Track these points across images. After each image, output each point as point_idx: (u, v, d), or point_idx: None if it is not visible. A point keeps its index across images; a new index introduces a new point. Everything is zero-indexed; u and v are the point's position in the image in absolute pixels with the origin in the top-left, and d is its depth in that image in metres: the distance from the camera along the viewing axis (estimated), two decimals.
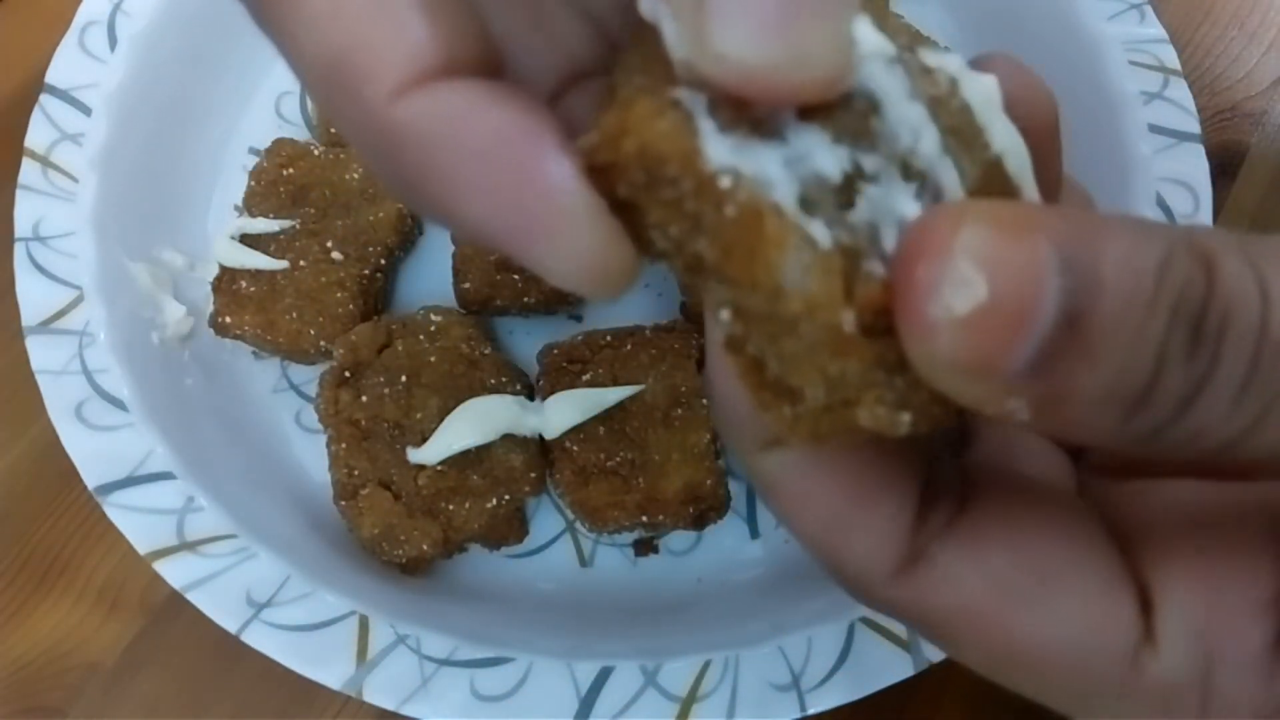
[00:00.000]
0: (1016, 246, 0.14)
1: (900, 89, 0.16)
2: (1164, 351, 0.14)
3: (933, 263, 0.14)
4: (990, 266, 0.13)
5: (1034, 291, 0.13)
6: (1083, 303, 0.14)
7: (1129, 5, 0.50)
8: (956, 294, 0.14)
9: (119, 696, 0.43)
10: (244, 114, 0.54)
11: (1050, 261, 0.14)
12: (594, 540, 0.45)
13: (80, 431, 0.41)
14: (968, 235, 0.14)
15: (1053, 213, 0.14)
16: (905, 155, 0.15)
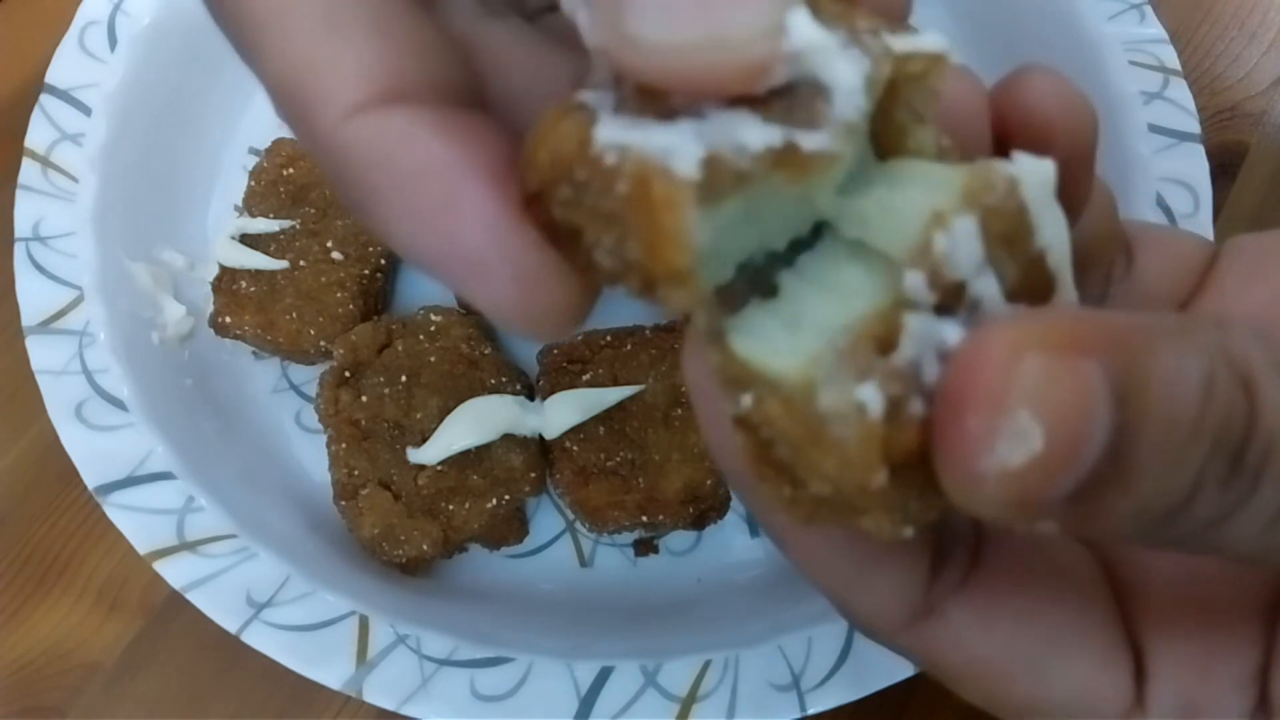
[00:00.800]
0: (1072, 382, 0.13)
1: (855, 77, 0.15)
2: (1201, 479, 0.14)
3: (987, 415, 0.13)
4: (1047, 413, 0.13)
5: (1087, 433, 0.13)
6: (1129, 437, 0.13)
7: (1129, 5, 0.50)
8: (1012, 448, 0.13)
9: (119, 696, 0.43)
10: (244, 114, 0.54)
11: (1102, 396, 0.13)
12: (594, 540, 0.45)
13: (80, 431, 0.41)
14: (1025, 376, 0.13)
15: (1099, 324, 0.14)
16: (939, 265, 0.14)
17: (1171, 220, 0.46)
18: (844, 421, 0.14)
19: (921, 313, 0.14)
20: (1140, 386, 0.13)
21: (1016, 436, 0.13)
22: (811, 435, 0.14)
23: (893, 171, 0.16)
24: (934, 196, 0.15)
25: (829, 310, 0.15)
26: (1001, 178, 0.15)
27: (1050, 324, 0.14)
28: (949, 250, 0.14)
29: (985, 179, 0.15)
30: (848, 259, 0.16)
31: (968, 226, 0.14)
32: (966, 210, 0.14)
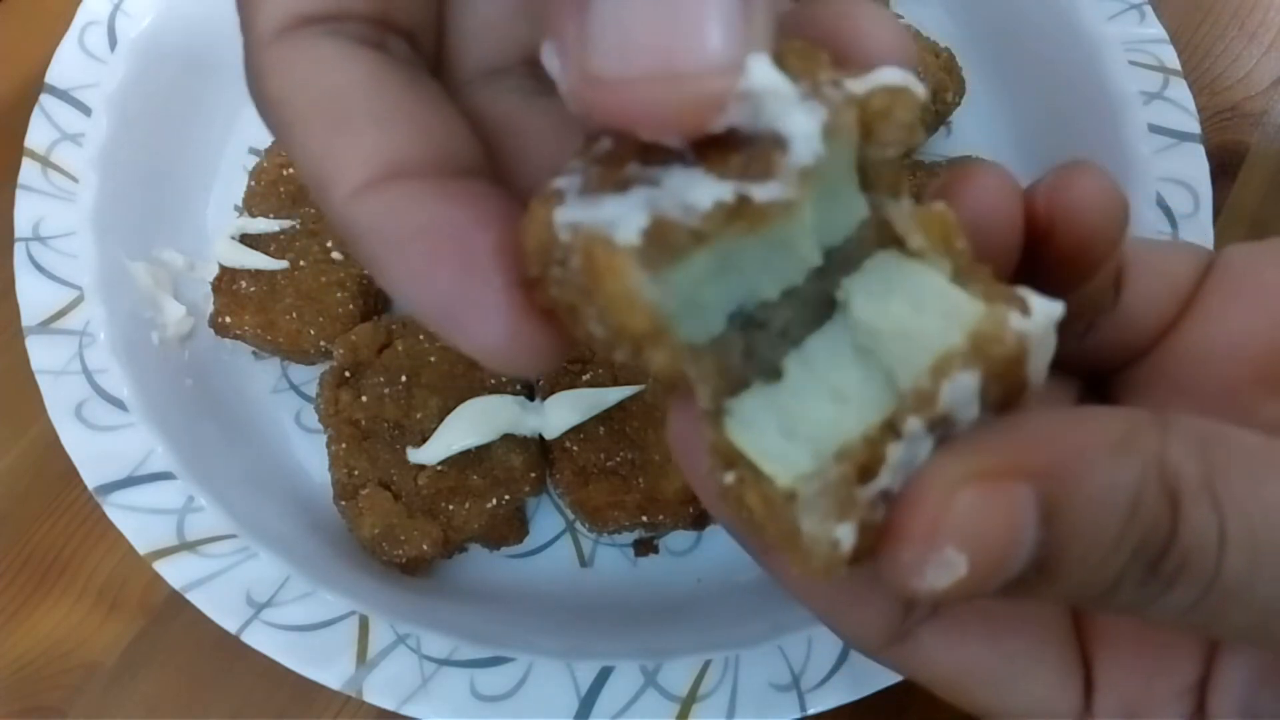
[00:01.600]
0: (1000, 511, 0.15)
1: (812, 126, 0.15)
2: (1121, 578, 0.16)
3: (919, 550, 0.15)
4: (972, 544, 0.15)
5: (1011, 557, 0.15)
6: (1054, 551, 0.15)
7: (1129, 5, 0.50)
8: (939, 575, 0.15)
9: (119, 696, 0.43)
10: (244, 114, 0.54)
11: (1029, 520, 0.15)
12: (594, 540, 0.45)
13: (80, 431, 0.41)
14: (956, 512, 0.15)
15: (1036, 448, 0.15)
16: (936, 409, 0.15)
17: (1171, 220, 0.46)
18: (816, 543, 0.15)
19: (905, 442, 0.15)
20: (1067, 506, 0.15)
21: (944, 566, 0.15)
22: (783, 534, 0.16)
23: (914, 283, 0.16)
24: (948, 333, 0.15)
25: (823, 422, 0.16)
26: (1013, 333, 0.15)
27: (988, 455, 0.15)
28: (949, 398, 0.15)
29: (998, 328, 0.15)
30: (853, 356, 0.16)
31: (970, 380, 0.15)
32: (973, 363, 0.15)
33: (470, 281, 0.16)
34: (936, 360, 0.15)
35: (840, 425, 0.16)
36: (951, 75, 0.51)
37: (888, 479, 0.15)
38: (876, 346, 0.16)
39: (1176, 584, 0.15)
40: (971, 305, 0.16)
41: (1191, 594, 0.16)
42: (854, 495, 0.15)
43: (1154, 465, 0.15)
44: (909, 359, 0.16)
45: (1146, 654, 0.20)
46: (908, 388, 0.16)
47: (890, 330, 0.16)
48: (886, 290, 0.16)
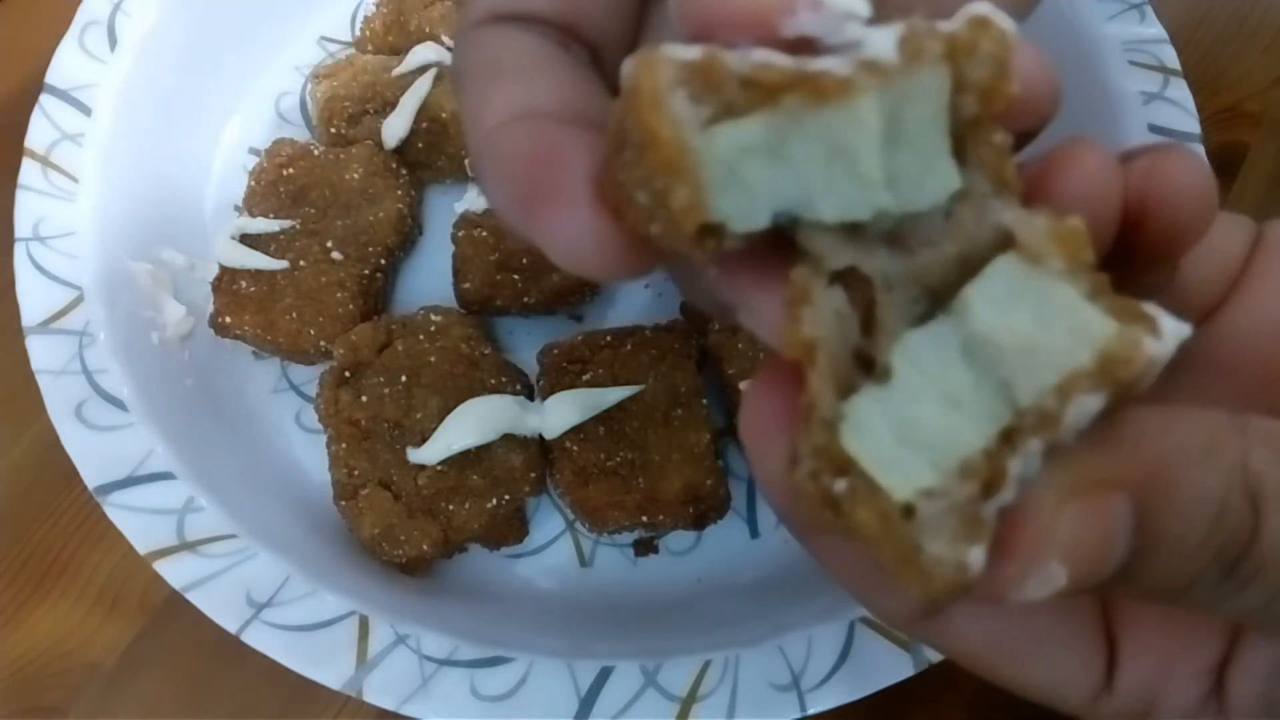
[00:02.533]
0: (1099, 523, 0.15)
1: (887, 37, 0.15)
2: (1198, 579, 0.16)
3: (1024, 564, 0.15)
4: (1074, 557, 0.15)
5: (1106, 565, 0.15)
6: (1140, 556, 0.16)
7: (1129, 5, 0.50)
8: (1039, 586, 0.15)
9: (119, 696, 0.43)
10: (244, 114, 0.54)
11: (1124, 530, 0.15)
12: (594, 540, 0.45)
13: (80, 431, 0.41)
14: (1059, 531, 0.15)
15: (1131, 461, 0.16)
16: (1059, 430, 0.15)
17: None
18: (940, 565, 0.15)
19: (1022, 457, 0.15)
20: (1160, 512, 0.15)
21: (1044, 578, 0.15)
22: (900, 553, 0.15)
23: (1043, 297, 0.15)
24: (1076, 352, 0.15)
25: (940, 428, 0.15)
26: (1145, 356, 0.15)
27: (1090, 469, 0.16)
28: (1071, 418, 0.15)
29: (1131, 351, 0.15)
30: (962, 359, 0.16)
31: (1095, 402, 0.15)
32: (1100, 385, 0.15)
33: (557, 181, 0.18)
34: (1063, 380, 0.15)
35: (959, 435, 0.15)
36: None
37: (1009, 495, 0.15)
38: (994, 356, 0.15)
39: (1251, 585, 0.16)
40: (1103, 324, 0.15)
41: (1263, 596, 0.16)
42: (981, 515, 0.15)
43: (1239, 471, 0.16)
44: (1032, 375, 0.15)
45: (1169, 634, 0.20)
46: (1029, 404, 0.15)
47: (1015, 345, 0.15)
48: (1012, 301, 0.15)
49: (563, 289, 0.47)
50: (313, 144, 0.50)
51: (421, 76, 0.51)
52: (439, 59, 0.52)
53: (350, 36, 0.57)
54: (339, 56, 0.55)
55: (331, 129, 0.51)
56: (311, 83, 0.53)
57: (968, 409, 0.15)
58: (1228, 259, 0.20)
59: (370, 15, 0.55)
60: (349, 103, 0.51)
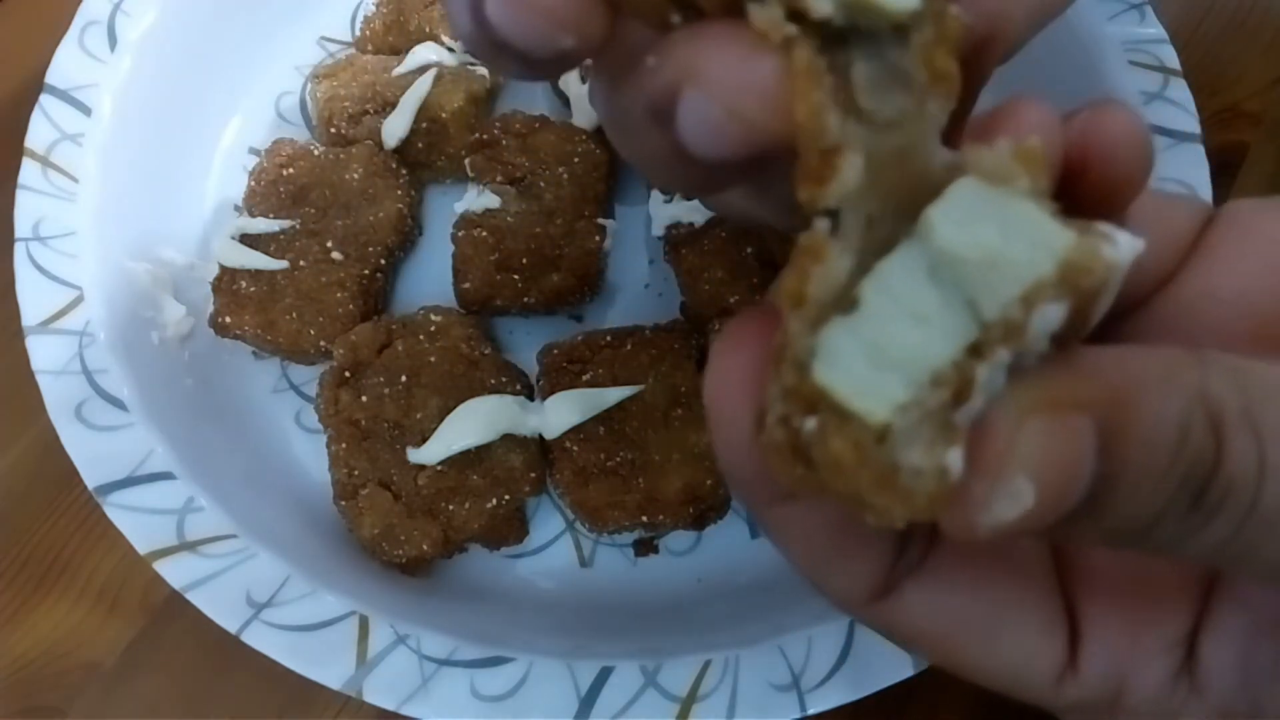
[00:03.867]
0: (1065, 440, 0.15)
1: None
2: (1165, 510, 0.16)
3: (991, 479, 0.15)
4: (1040, 473, 0.15)
5: (1074, 486, 0.15)
6: (1108, 480, 0.15)
7: (1129, 5, 0.50)
8: (1007, 506, 0.15)
9: (119, 696, 0.43)
10: (244, 114, 0.54)
11: (1089, 450, 0.15)
12: (594, 540, 0.45)
13: (80, 431, 0.41)
14: (1024, 442, 0.15)
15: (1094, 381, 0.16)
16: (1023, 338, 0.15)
17: None
18: (920, 477, 0.15)
19: (989, 368, 0.15)
20: (1123, 437, 0.15)
21: (1012, 496, 0.15)
22: (878, 479, 0.15)
23: (1004, 211, 0.16)
24: (1038, 263, 0.15)
25: (910, 345, 0.15)
26: (1104, 263, 0.15)
27: (1049, 388, 0.16)
28: (1036, 328, 0.15)
29: (1089, 258, 0.15)
30: (927, 279, 0.16)
31: (1058, 311, 0.15)
32: (1063, 294, 0.15)
33: None
34: (1027, 289, 0.15)
35: (929, 349, 0.15)
36: None
37: (978, 404, 0.15)
38: (959, 274, 0.16)
39: (1218, 514, 0.16)
40: (1063, 234, 0.15)
41: (1231, 525, 0.16)
42: (954, 421, 0.15)
43: (1198, 397, 0.16)
44: (997, 288, 0.15)
45: (1133, 606, 0.20)
46: (995, 317, 0.15)
47: (979, 259, 0.15)
48: (974, 218, 0.16)
49: (563, 289, 0.47)
50: (313, 144, 0.50)
51: (421, 76, 0.51)
52: (439, 59, 0.52)
53: (350, 36, 0.57)
54: (339, 56, 0.55)
55: (331, 129, 0.51)
56: (311, 83, 0.53)
57: (936, 324, 0.16)
58: (1179, 234, 0.21)
59: (370, 15, 0.55)
60: (349, 103, 0.51)
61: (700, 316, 0.46)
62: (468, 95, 0.51)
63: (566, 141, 0.49)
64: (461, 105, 0.50)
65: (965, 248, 0.15)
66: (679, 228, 0.47)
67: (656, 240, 0.48)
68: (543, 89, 0.55)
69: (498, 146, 0.49)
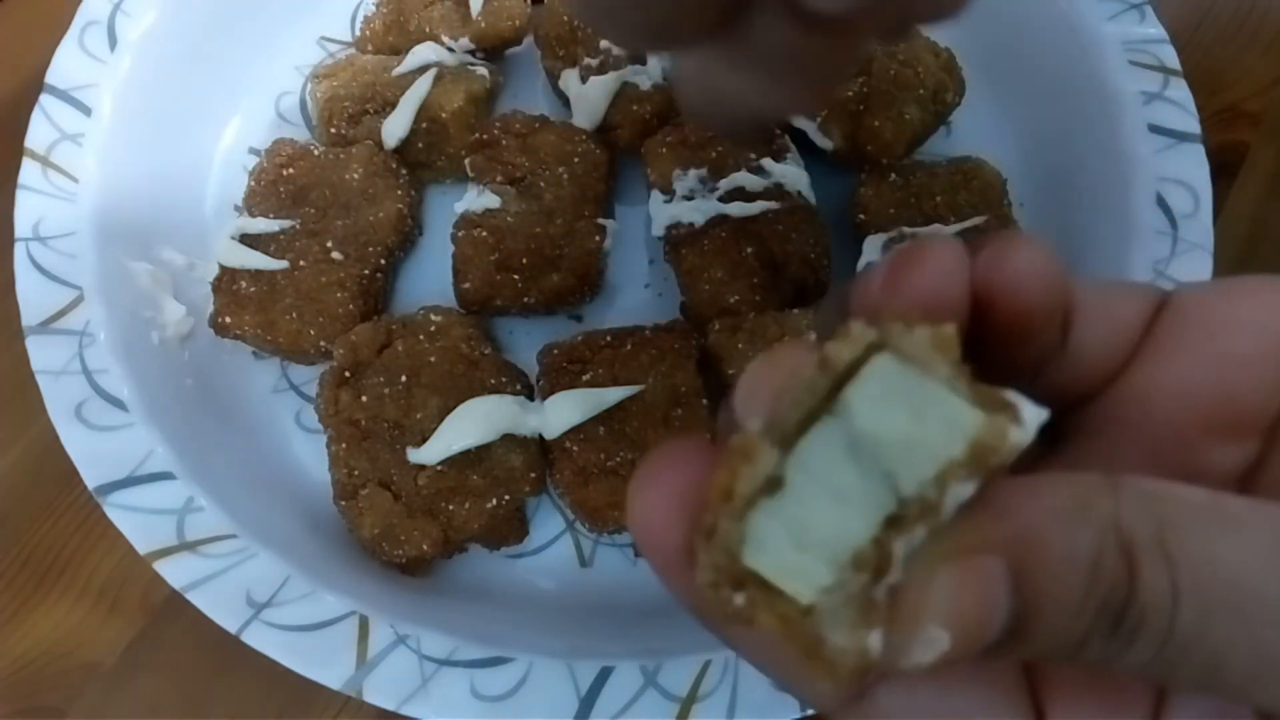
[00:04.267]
0: (973, 585, 0.16)
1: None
2: (1088, 636, 0.16)
3: (905, 632, 0.16)
4: (952, 620, 0.16)
5: (988, 625, 0.16)
6: (1025, 614, 0.16)
7: (1129, 5, 0.50)
8: (923, 652, 0.16)
9: (119, 696, 0.43)
10: (244, 114, 0.54)
11: (1001, 589, 0.16)
12: (594, 540, 0.45)
13: (80, 431, 0.41)
14: (933, 596, 0.16)
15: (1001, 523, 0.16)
16: (938, 513, 0.16)
17: (1171, 220, 0.46)
18: (844, 654, 0.16)
19: (906, 539, 0.16)
20: (1035, 572, 0.16)
21: (928, 642, 0.16)
22: (805, 649, 0.16)
23: (917, 393, 0.17)
24: (951, 444, 0.16)
25: (831, 525, 0.16)
26: (1010, 444, 0.16)
27: (965, 534, 0.16)
28: (950, 504, 0.16)
29: (998, 440, 0.16)
30: (846, 458, 0.17)
31: (969, 489, 0.16)
32: (973, 473, 0.16)
33: None
34: (940, 471, 0.16)
35: (848, 530, 0.16)
36: (951, 75, 0.51)
37: (897, 575, 0.16)
38: (876, 451, 0.17)
39: (1137, 639, 0.16)
40: (972, 415, 0.16)
41: (1150, 649, 0.16)
42: (875, 600, 0.16)
43: (1110, 527, 0.16)
44: (913, 467, 0.16)
45: (1096, 701, 0.20)
46: (911, 494, 0.16)
47: (895, 440, 0.16)
48: (891, 399, 0.16)
49: (563, 289, 0.47)
50: (313, 144, 0.50)
51: (421, 76, 0.51)
52: (439, 59, 0.52)
53: (350, 36, 0.57)
54: (339, 56, 0.55)
55: (331, 129, 0.51)
56: (311, 83, 0.53)
57: (855, 502, 0.16)
58: (1128, 325, 0.21)
59: (370, 15, 0.55)
60: (349, 103, 0.51)
61: (700, 316, 0.46)
62: (468, 95, 0.51)
63: (566, 141, 0.49)
64: (461, 105, 0.50)
65: (882, 429, 0.16)
66: (679, 228, 0.47)
67: (656, 240, 0.48)
68: (543, 89, 0.55)
69: (498, 146, 0.49)
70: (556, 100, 0.54)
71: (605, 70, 0.51)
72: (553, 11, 0.53)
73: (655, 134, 0.50)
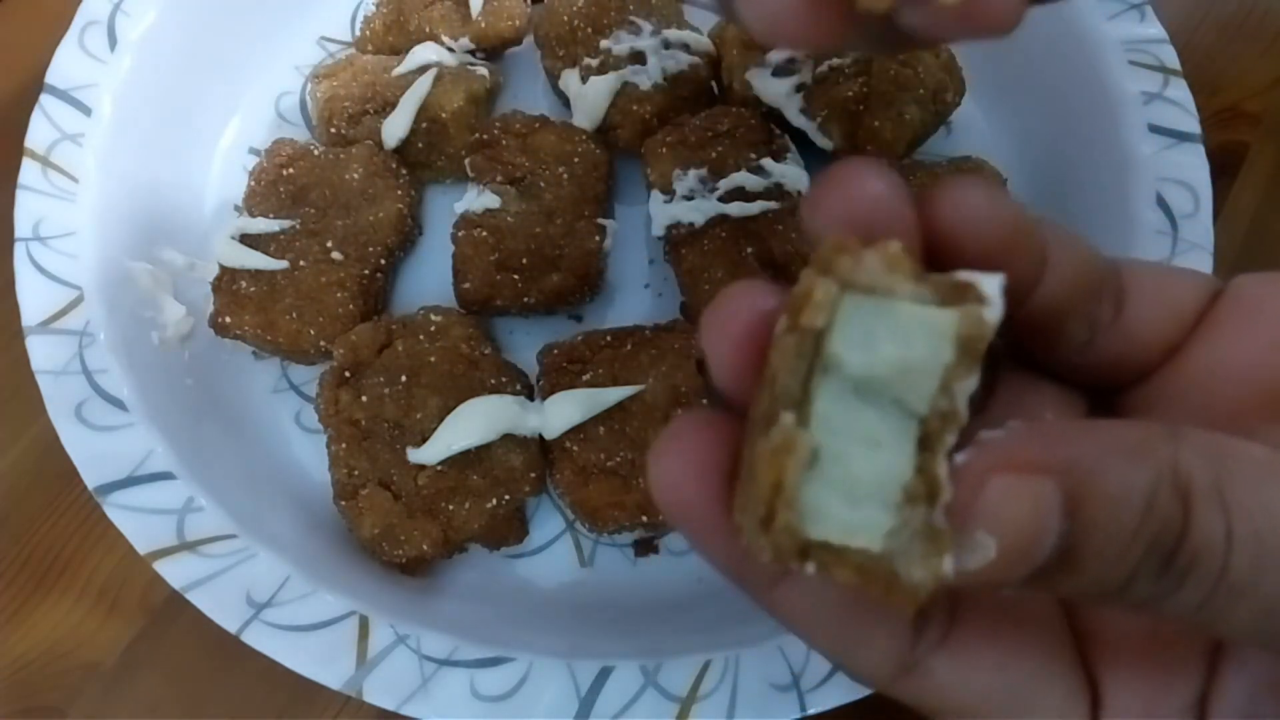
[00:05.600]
0: (1028, 500, 0.16)
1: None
2: (1136, 572, 0.17)
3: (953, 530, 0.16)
4: (1001, 529, 0.16)
5: (1036, 543, 0.16)
6: (1077, 540, 0.16)
7: (1129, 5, 0.50)
8: (970, 556, 0.16)
9: (119, 696, 0.43)
10: (244, 114, 0.54)
11: (1054, 510, 0.16)
12: (594, 540, 0.45)
13: (80, 431, 0.41)
14: (987, 498, 0.16)
15: (1059, 446, 0.16)
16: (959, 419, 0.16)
17: (1172, 220, 0.46)
18: (924, 584, 0.16)
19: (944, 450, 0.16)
20: (1089, 501, 0.16)
21: (974, 548, 0.16)
22: (884, 588, 0.16)
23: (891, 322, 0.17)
24: (941, 351, 0.16)
25: (875, 471, 0.17)
26: (987, 324, 0.16)
27: (1016, 452, 0.16)
28: (964, 402, 0.16)
29: (976, 325, 0.16)
30: (859, 402, 0.17)
31: (974, 379, 0.16)
32: (970, 365, 0.16)
33: None
34: (943, 380, 0.16)
35: (890, 469, 0.17)
36: (951, 75, 0.51)
37: (949, 493, 0.16)
38: (881, 387, 0.17)
39: (1187, 580, 0.16)
40: (947, 316, 0.16)
41: (1201, 591, 0.16)
42: (937, 525, 0.16)
43: (1168, 469, 0.16)
44: (917, 387, 0.16)
45: (1149, 673, 0.20)
46: (927, 411, 0.16)
47: (891, 373, 0.17)
48: (871, 337, 0.17)
49: (563, 289, 0.47)
50: (313, 144, 0.50)
51: (421, 76, 0.51)
52: (439, 59, 0.52)
53: (350, 36, 0.57)
54: (339, 56, 0.55)
55: (331, 129, 0.51)
56: (311, 83, 0.53)
57: (885, 442, 0.17)
58: (1184, 307, 0.21)
59: (370, 15, 0.55)
60: (349, 103, 0.51)
61: (700, 316, 0.46)
62: (468, 95, 0.51)
63: (566, 141, 0.49)
64: (461, 105, 0.50)
65: (876, 366, 0.17)
66: (679, 228, 0.47)
67: (656, 240, 0.48)
68: (543, 89, 0.55)
69: (498, 146, 0.49)
70: (556, 100, 0.54)
71: (605, 70, 0.51)
72: (553, 11, 0.53)
73: (655, 134, 0.50)
